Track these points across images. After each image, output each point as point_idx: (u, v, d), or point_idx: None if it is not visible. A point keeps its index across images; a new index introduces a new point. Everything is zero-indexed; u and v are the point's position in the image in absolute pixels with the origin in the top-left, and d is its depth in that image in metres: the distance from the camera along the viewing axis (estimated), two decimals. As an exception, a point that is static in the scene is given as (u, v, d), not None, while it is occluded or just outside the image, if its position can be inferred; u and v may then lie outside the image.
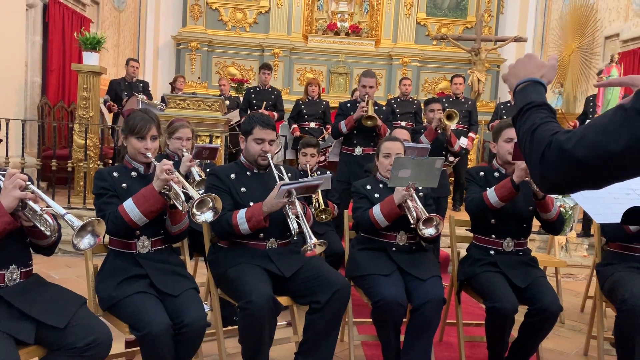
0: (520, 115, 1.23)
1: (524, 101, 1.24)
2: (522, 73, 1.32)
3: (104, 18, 8.25)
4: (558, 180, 1.10)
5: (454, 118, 4.28)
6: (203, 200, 2.22)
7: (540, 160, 1.11)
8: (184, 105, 5.44)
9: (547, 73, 1.30)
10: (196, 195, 2.21)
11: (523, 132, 1.20)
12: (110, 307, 2.30)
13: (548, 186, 1.14)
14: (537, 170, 1.13)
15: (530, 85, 1.28)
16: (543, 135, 1.14)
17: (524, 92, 1.27)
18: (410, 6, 9.89)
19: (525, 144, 1.18)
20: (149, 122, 2.44)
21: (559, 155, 1.08)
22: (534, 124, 1.18)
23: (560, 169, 1.08)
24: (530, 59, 1.34)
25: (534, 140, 1.15)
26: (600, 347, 2.94)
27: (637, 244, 2.83)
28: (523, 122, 1.21)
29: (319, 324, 2.51)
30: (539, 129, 1.16)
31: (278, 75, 9.82)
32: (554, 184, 1.12)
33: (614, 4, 7.71)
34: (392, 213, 2.80)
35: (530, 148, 1.15)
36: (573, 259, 5.16)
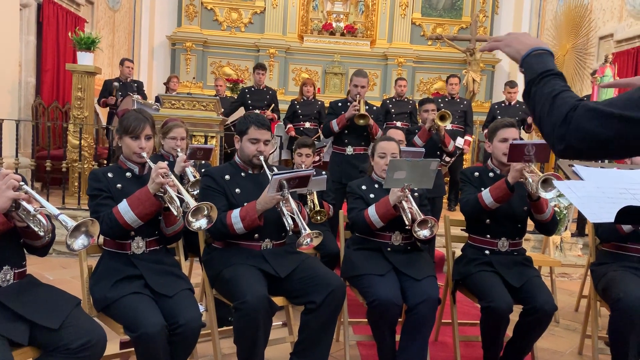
0: (539, 79, 1.24)
1: (543, 67, 1.26)
2: (529, 41, 1.34)
3: (98, 18, 8.23)
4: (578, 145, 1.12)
5: (447, 119, 4.29)
6: (199, 207, 2.21)
7: (562, 122, 1.13)
8: (179, 105, 5.43)
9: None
10: (192, 202, 2.20)
11: (541, 95, 1.21)
12: (105, 307, 2.29)
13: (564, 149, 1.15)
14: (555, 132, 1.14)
15: (545, 54, 1.29)
16: (566, 100, 1.15)
17: (541, 59, 1.29)
18: (405, 6, 9.90)
19: (543, 106, 1.19)
20: (143, 122, 2.44)
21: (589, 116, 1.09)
22: (554, 89, 1.19)
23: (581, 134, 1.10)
24: (527, 34, 1.37)
25: (554, 104, 1.16)
26: (595, 346, 2.95)
27: (631, 244, 2.84)
28: (541, 86, 1.22)
29: (314, 324, 2.51)
30: (562, 94, 1.17)
31: (273, 75, 9.82)
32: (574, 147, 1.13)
33: (608, 4, 7.74)
34: (387, 214, 2.81)
35: (550, 111, 1.16)
36: (568, 259, 5.18)
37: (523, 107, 6.84)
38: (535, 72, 1.26)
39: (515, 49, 1.36)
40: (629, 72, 6.93)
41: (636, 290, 2.55)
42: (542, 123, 1.19)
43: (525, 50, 1.33)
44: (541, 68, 1.26)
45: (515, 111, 6.74)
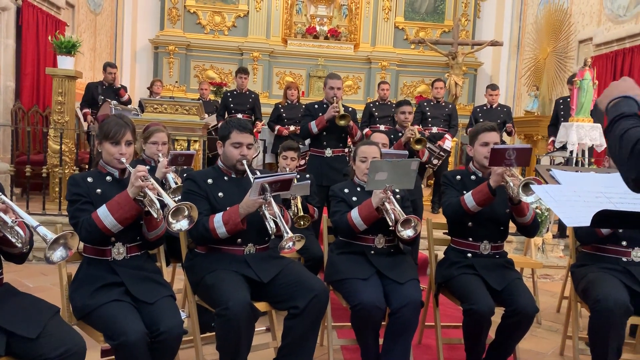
0: (611, 126, 1.27)
1: (615, 113, 1.29)
2: (615, 92, 1.37)
3: (79, 21, 8.14)
4: None
5: (422, 144, 4.38)
6: (179, 208, 2.19)
7: (629, 157, 1.15)
8: (162, 109, 5.39)
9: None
10: (172, 203, 2.18)
11: (613, 137, 1.24)
12: (85, 315, 2.26)
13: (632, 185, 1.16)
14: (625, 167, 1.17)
15: (622, 101, 1.33)
16: (632, 135, 1.18)
17: (616, 107, 1.32)
18: (388, 10, 9.96)
19: (615, 149, 1.22)
20: (124, 127, 2.41)
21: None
22: (623, 129, 1.22)
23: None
24: (625, 81, 1.40)
25: (622, 142, 1.19)
26: (576, 347, 2.98)
27: (610, 245, 2.87)
28: (613, 131, 1.26)
29: (297, 329, 2.50)
30: (628, 132, 1.20)
31: (257, 78, 9.80)
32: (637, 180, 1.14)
33: (587, 9, 7.86)
34: (370, 216, 2.81)
35: (619, 150, 1.19)
36: (550, 260, 5.24)
37: (504, 110, 6.92)
38: (609, 120, 1.30)
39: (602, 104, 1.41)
40: (608, 75, 7.04)
41: (615, 291, 2.59)
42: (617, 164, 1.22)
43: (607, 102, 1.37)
44: (613, 115, 1.30)
45: (497, 114, 6.81)
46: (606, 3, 7.43)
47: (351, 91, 10.14)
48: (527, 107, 8.20)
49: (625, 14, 7.05)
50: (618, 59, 6.96)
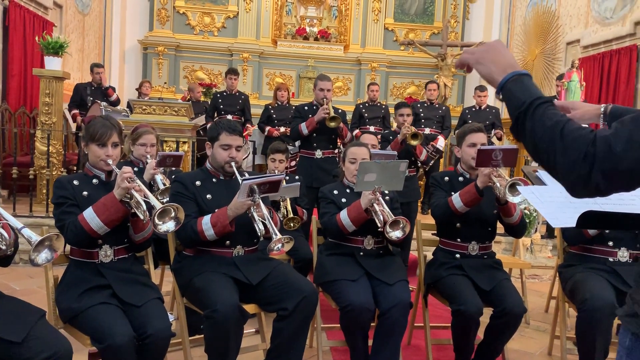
0: (531, 110, 1.12)
1: (529, 95, 1.14)
2: (504, 61, 1.22)
3: (67, 22, 8.08)
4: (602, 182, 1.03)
5: (419, 139, 4.37)
6: (165, 209, 2.18)
7: (583, 159, 1.03)
8: (150, 110, 5.36)
9: None
10: (158, 204, 2.17)
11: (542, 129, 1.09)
12: (71, 319, 2.24)
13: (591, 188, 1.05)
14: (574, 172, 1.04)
15: (525, 78, 1.18)
16: (579, 134, 1.05)
17: (522, 84, 1.17)
18: (378, 12, 9.97)
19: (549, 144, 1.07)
20: (110, 129, 2.40)
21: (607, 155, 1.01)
22: (557, 121, 1.08)
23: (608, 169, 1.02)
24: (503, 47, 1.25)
25: (565, 140, 1.05)
26: (563, 347, 3.00)
27: (597, 246, 2.90)
28: (538, 119, 1.11)
29: (286, 331, 2.49)
30: (568, 127, 1.07)
31: (247, 79, 9.78)
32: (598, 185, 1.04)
33: (575, 11, 7.93)
34: (359, 217, 2.81)
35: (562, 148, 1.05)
36: (538, 260, 5.27)
37: (493, 111, 6.96)
38: (522, 102, 1.14)
39: (489, 70, 1.23)
40: (595, 77, 7.11)
41: (601, 291, 2.61)
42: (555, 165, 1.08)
43: (501, 74, 1.20)
44: (527, 97, 1.14)
45: (486, 115, 6.85)
46: (593, 5, 7.50)
47: (341, 92, 10.15)
48: (516, 108, 8.25)
49: (612, 16, 7.12)
50: (605, 61, 7.02)
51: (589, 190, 1.05)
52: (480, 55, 1.26)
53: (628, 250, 2.83)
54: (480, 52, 1.26)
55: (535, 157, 1.13)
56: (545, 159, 1.09)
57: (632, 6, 6.77)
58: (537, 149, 1.11)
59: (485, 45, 1.27)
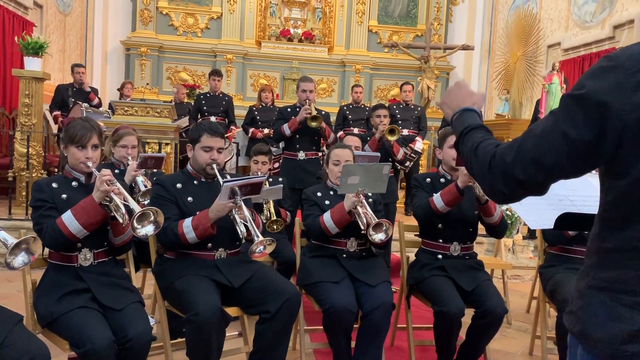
0: (461, 139, 1.32)
1: (462, 126, 1.34)
2: (454, 103, 1.41)
3: (48, 22, 7.97)
4: (505, 190, 1.17)
5: (396, 134, 4.39)
6: (144, 213, 2.16)
7: (488, 171, 1.18)
8: (132, 111, 5.31)
9: (478, 100, 1.40)
10: (137, 207, 2.15)
11: (466, 152, 1.28)
12: (50, 323, 2.21)
13: (500, 196, 1.20)
14: (486, 181, 1.20)
15: (465, 113, 1.37)
16: (486, 150, 1.21)
17: (460, 119, 1.36)
18: (362, 14, 10.01)
19: (471, 162, 1.25)
20: (90, 131, 2.37)
21: (502, 166, 1.15)
22: (474, 142, 1.26)
23: (505, 179, 1.15)
24: (459, 88, 1.43)
25: (478, 156, 1.22)
26: (544, 347, 3.03)
27: (576, 246, 2.93)
28: (465, 144, 1.30)
29: (269, 333, 2.48)
30: (481, 145, 1.23)
31: (231, 81, 9.74)
32: (503, 193, 1.18)
33: (555, 14, 8.04)
34: (342, 220, 2.82)
35: (477, 163, 1.22)
36: (520, 261, 5.32)
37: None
38: (457, 133, 1.35)
39: (446, 111, 1.44)
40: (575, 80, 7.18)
41: (581, 291, 2.64)
42: (475, 177, 1.26)
43: (450, 114, 1.41)
44: (460, 128, 1.34)
45: (469, 117, 6.90)
46: (573, 9, 7.61)
47: (325, 94, 10.16)
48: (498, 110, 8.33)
49: (592, 20, 7.23)
50: (585, 64, 7.13)
51: (497, 196, 1.21)
52: (442, 100, 1.47)
53: (606, 250, 2.87)
54: (445, 97, 1.46)
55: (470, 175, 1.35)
56: (473, 175, 1.27)
57: (611, 10, 6.88)
58: (468, 169, 1.29)
59: (449, 88, 1.47)
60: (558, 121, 1.10)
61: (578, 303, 1.18)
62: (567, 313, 1.22)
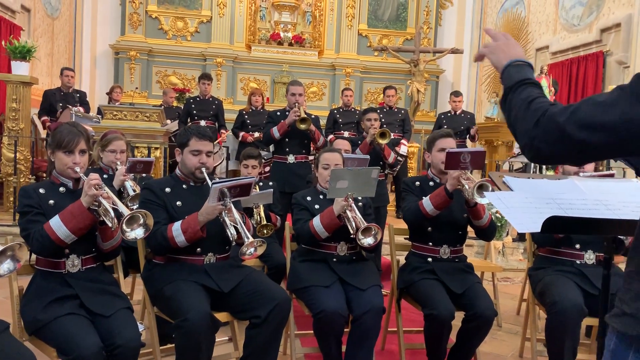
0: (517, 86, 1.29)
1: (522, 76, 1.31)
2: (513, 52, 1.39)
3: (35, 26, 7.92)
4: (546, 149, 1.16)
5: (387, 137, 4.41)
6: (133, 216, 2.14)
7: (534, 126, 1.17)
8: (121, 116, 5.29)
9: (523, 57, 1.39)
10: (126, 211, 2.13)
11: (518, 100, 1.26)
12: (37, 330, 2.19)
13: (535, 152, 1.19)
14: (527, 135, 1.18)
15: (525, 66, 1.35)
16: (540, 105, 1.20)
17: (520, 69, 1.34)
18: (352, 17, 10.04)
19: (518, 111, 1.23)
20: (77, 136, 2.35)
21: (551, 125, 1.14)
22: (530, 95, 1.24)
23: (551, 138, 1.14)
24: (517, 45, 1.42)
25: (529, 109, 1.21)
26: (534, 349, 3.04)
27: (564, 249, 2.95)
28: (519, 93, 1.27)
29: (259, 338, 2.47)
30: (537, 100, 1.22)
31: (221, 84, 9.73)
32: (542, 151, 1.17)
33: (544, 18, 8.10)
34: (332, 224, 2.82)
35: (525, 115, 1.21)
36: (510, 263, 5.34)
37: (468, 117, 7.05)
38: (513, 80, 1.31)
39: (498, 58, 1.40)
40: (564, 83, 7.26)
41: (570, 293, 2.66)
42: (515, 127, 1.24)
43: (507, 60, 1.38)
44: (519, 77, 1.31)
45: (461, 120, 6.94)
46: (561, 13, 7.68)
47: (316, 97, 10.17)
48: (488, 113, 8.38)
49: (579, 24, 7.30)
50: (573, 67, 7.19)
51: (532, 154, 1.20)
52: (496, 46, 1.43)
53: (594, 252, 2.89)
54: (496, 44, 1.43)
55: (508, 125, 1.29)
56: (512, 125, 1.26)
57: (598, 14, 6.95)
58: (509, 116, 1.27)
59: (503, 37, 1.44)
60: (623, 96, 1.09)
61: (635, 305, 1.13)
62: (616, 316, 1.17)
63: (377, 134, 4.39)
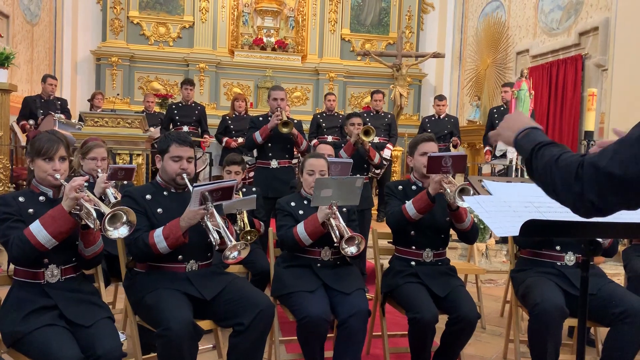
0: (534, 153, 1.26)
1: (533, 142, 1.29)
2: (517, 125, 1.38)
3: (14, 32, 7.81)
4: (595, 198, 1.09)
5: (371, 134, 4.42)
6: (115, 214, 2.12)
7: (575, 179, 1.11)
8: (103, 122, 5.24)
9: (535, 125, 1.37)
10: (107, 210, 2.11)
11: (543, 165, 1.22)
12: (15, 342, 2.14)
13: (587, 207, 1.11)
14: (572, 192, 1.12)
15: (532, 131, 1.34)
16: (570, 160, 1.15)
17: (528, 137, 1.33)
18: (334, 22, 10.08)
19: (552, 174, 1.18)
20: (57, 143, 2.32)
21: (594, 173, 1.08)
22: (553, 155, 1.20)
23: (597, 186, 1.08)
24: (519, 114, 1.42)
25: (560, 167, 1.16)
26: (517, 351, 3.06)
27: (545, 250, 2.98)
28: (539, 159, 1.24)
29: (242, 346, 2.45)
30: (563, 156, 1.18)
31: (204, 90, 9.69)
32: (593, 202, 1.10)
33: (523, 22, 8.21)
34: (316, 231, 2.81)
35: (561, 174, 1.15)
36: (493, 265, 5.39)
37: (452, 121, 7.10)
38: (527, 149, 1.29)
39: (507, 135, 1.40)
40: (544, 86, 7.36)
41: (551, 295, 2.68)
42: (556, 191, 1.18)
43: (514, 134, 1.37)
44: (531, 144, 1.29)
45: (444, 124, 6.98)
46: (540, 17, 7.79)
47: (300, 102, 10.18)
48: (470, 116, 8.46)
49: (558, 27, 7.41)
50: (553, 70, 7.29)
51: (586, 208, 1.13)
52: (502, 128, 1.44)
53: (574, 254, 2.93)
54: (501, 125, 1.45)
55: (545, 191, 1.26)
56: (550, 189, 1.21)
57: (576, 17, 7.06)
58: (544, 184, 1.24)
59: (506, 117, 1.46)
60: None
61: None
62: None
63: (361, 131, 4.41)
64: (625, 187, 1.06)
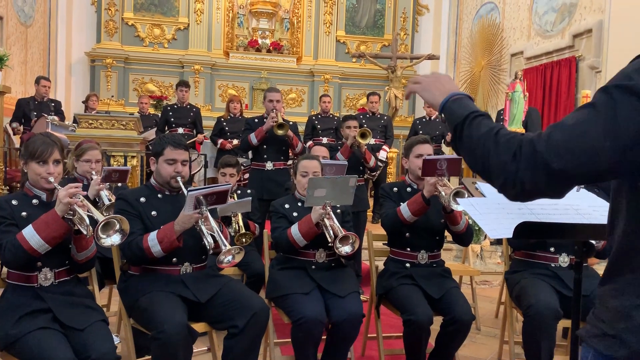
0: (469, 121, 1.20)
1: (467, 109, 1.22)
2: (448, 87, 1.31)
3: (8, 34, 7.79)
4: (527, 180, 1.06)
5: (367, 136, 4.41)
6: (109, 222, 2.11)
7: (512, 159, 1.07)
8: (97, 124, 5.22)
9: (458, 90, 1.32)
10: (101, 217, 2.10)
11: (478, 136, 1.16)
12: (8, 346, 2.13)
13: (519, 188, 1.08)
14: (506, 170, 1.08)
15: (465, 99, 1.28)
16: (510, 137, 1.11)
17: (462, 102, 1.26)
18: (329, 24, 10.09)
19: (483, 147, 1.13)
20: (51, 146, 2.31)
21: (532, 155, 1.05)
22: (492, 128, 1.15)
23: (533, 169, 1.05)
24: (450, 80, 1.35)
25: (498, 142, 1.11)
26: (512, 352, 3.07)
27: (540, 252, 2.99)
28: (474, 128, 1.18)
29: (237, 348, 2.45)
30: (502, 132, 1.13)
31: (199, 91, 9.68)
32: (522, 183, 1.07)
33: (518, 24, 8.24)
34: (310, 232, 2.81)
35: (497, 149, 1.11)
36: (488, 267, 5.40)
37: (444, 122, 7.11)
38: (459, 115, 1.22)
39: (432, 95, 1.33)
40: (538, 87, 7.39)
41: (545, 296, 2.69)
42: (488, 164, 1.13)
43: (443, 96, 1.30)
44: (465, 111, 1.22)
45: (436, 126, 6.99)
46: (535, 19, 7.82)
47: (295, 104, 10.18)
48: (465, 118, 8.47)
49: (552, 29, 7.44)
50: (547, 71, 7.32)
51: (516, 190, 1.09)
52: (426, 84, 1.35)
53: (568, 255, 2.94)
54: (426, 81, 1.36)
55: (472, 164, 1.18)
56: (480, 163, 1.15)
57: (570, 19, 7.09)
58: (473, 154, 1.17)
59: (432, 75, 1.38)
60: (599, 112, 1.02)
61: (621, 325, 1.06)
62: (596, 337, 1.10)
63: (357, 133, 4.41)
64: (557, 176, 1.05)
